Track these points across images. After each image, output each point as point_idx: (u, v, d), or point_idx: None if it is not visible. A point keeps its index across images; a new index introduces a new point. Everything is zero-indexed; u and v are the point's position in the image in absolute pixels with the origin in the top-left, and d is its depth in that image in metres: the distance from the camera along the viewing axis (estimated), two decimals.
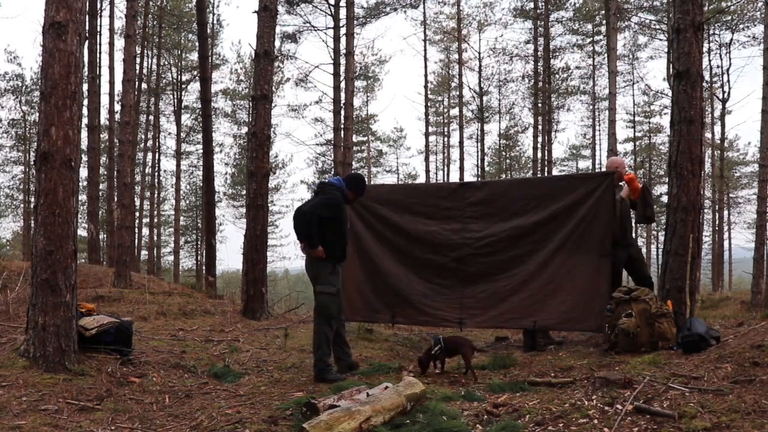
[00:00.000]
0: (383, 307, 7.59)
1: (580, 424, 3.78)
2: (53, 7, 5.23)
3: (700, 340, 5.15)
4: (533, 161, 25.91)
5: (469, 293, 7.17)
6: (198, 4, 15.65)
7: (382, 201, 7.77)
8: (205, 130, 15.21)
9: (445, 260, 7.34)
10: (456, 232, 7.33)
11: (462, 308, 7.19)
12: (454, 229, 7.34)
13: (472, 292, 7.16)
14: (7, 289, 7.89)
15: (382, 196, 7.86)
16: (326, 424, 3.45)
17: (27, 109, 29.63)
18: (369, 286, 7.67)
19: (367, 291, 7.68)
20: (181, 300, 9.36)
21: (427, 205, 7.56)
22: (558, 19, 26.17)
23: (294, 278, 38.72)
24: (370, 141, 36.92)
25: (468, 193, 7.40)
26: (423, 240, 7.47)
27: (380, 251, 7.67)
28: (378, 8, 22.91)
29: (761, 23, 21.38)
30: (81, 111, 5.57)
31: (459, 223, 7.32)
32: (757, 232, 14.52)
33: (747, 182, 32.61)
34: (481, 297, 7.11)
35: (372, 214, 7.74)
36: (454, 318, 7.24)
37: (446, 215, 7.40)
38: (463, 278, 7.22)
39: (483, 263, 7.17)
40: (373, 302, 7.65)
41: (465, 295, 7.19)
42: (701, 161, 6.27)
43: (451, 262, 7.30)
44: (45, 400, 4.41)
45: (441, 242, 7.38)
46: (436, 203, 7.50)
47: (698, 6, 6.22)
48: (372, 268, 7.65)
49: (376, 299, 7.63)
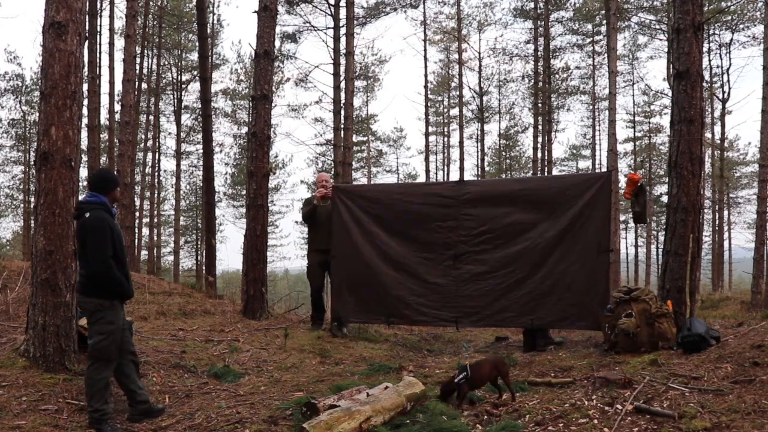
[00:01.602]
0: (378, 308, 7.58)
1: (580, 424, 3.78)
2: (53, 7, 5.23)
3: (700, 340, 5.15)
4: (533, 161, 25.90)
5: (465, 292, 7.16)
6: (198, 4, 15.65)
7: (375, 200, 7.75)
8: (205, 130, 15.20)
9: (440, 258, 7.33)
10: (451, 230, 7.32)
11: (458, 307, 7.18)
12: (450, 227, 7.33)
13: (468, 291, 7.15)
14: (7, 289, 7.89)
15: (376, 195, 7.85)
16: (326, 424, 3.45)
17: (27, 109, 29.63)
18: (363, 288, 7.66)
19: (361, 292, 7.68)
20: (181, 300, 9.35)
21: (421, 204, 7.54)
22: (558, 19, 26.17)
23: (294, 278, 38.72)
24: (370, 141, 36.92)
25: (463, 191, 7.39)
26: (417, 239, 7.46)
27: (373, 251, 7.65)
28: (378, 8, 22.91)
29: (761, 23, 21.38)
30: (81, 111, 5.57)
31: (454, 221, 7.32)
32: (757, 232, 14.53)
33: (747, 182, 32.66)
34: (477, 296, 7.10)
35: (365, 213, 7.72)
36: (450, 317, 7.23)
37: (442, 213, 7.39)
38: (458, 277, 7.21)
39: (478, 261, 7.16)
40: (368, 303, 7.64)
41: (460, 294, 7.18)
42: (701, 161, 6.27)
43: (446, 261, 7.29)
44: (45, 400, 4.41)
45: (436, 241, 7.37)
46: (431, 201, 7.49)
47: (698, 6, 6.22)
48: (365, 268, 7.63)
49: (370, 300, 7.63)
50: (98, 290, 4.19)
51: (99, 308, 4.20)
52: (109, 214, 4.30)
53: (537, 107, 25.75)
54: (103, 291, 4.19)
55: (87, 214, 4.20)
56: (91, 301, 4.21)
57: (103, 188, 4.36)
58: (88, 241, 4.16)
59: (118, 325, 4.30)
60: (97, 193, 4.34)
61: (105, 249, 4.15)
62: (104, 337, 4.17)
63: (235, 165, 34.35)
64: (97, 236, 4.14)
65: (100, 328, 4.19)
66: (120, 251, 4.29)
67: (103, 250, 4.14)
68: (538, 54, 25.22)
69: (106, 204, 4.33)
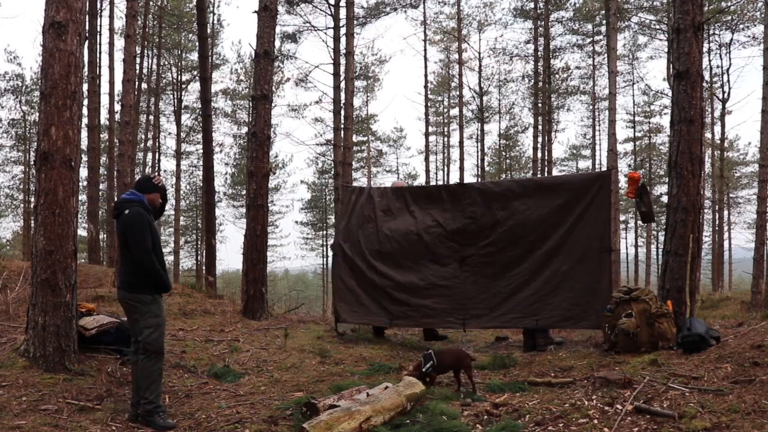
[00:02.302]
0: (380, 310, 7.59)
1: (580, 424, 3.78)
2: (53, 7, 5.23)
3: (700, 340, 5.15)
4: (533, 161, 25.88)
5: (472, 294, 7.19)
6: (198, 4, 15.63)
7: (388, 201, 7.78)
8: (205, 130, 15.19)
9: (447, 261, 7.35)
10: (457, 233, 7.34)
11: (465, 309, 7.19)
12: (455, 230, 7.35)
13: (475, 293, 7.18)
14: (7, 289, 7.89)
15: (383, 198, 7.87)
16: (326, 424, 3.45)
17: (27, 109, 29.60)
18: (365, 289, 7.67)
19: (362, 294, 7.68)
20: (181, 300, 9.34)
21: (427, 207, 7.56)
22: (558, 19, 26.14)
23: (294, 278, 38.75)
24: (370, 141, 36.90)
25: (467, 194, 7.41)
26: (424, 241, 7.47)
27: (378, 253, 7.67)
28: (378, 8, 22.89)
29: (761, 23, 21.36)
30: (81, 111, 5.57)
31: (460, 224, 7.33)
32: (757, 232, 14.51)
33: (747, 182, 32.64)
34: (483, 297, 7.13)
35: (373, 215, 7.74)
36: (457, 319, 7.25)
37: (448, 216, 7.42)
38: (466, 279, 7.23)
39: (485, 264, 7.18)
40: (370, 305, 7.65)
41: (467, 296, 7.20)
42: (701, 161, 6.27)
43: (453, 263, 7.31)
44: (45, 400, 4.41)
45: (443, 243, 7.39)
46: (437, 205, 7.51)
47: (698, 6, 6.22)
48: (369, 270, 7.65)
49: (372, 302, 7.63)
50: (142, 285, 4.34)
51: (144, 302, 4.35)
52: (147, 211, 4.45)
53: (537, 107, 25.73)
54: (146, 285, 4.35)
55: (126, 210, 4.37)
56: (136, 296, 4.35)
57: (143, 188, 4.56)
58: (128, 236, 4.32)
59: (163, 317, 4.50)
60: (136, 191, 4.55)
61: (146, 241, 4.31)
62: (153, 329, 4.35)
63: (235, 165, 34.35)
64: (137, 230, 4.31)
65: (148, 322, 4.35)
66: (158, 247, 4.46)
67: (145, 243, 4.30)
68: (538, 54, 25.20)
69: (143, 201, 4.50)
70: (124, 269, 4.45)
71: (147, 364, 4.32)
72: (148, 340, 4.32)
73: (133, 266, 4.33)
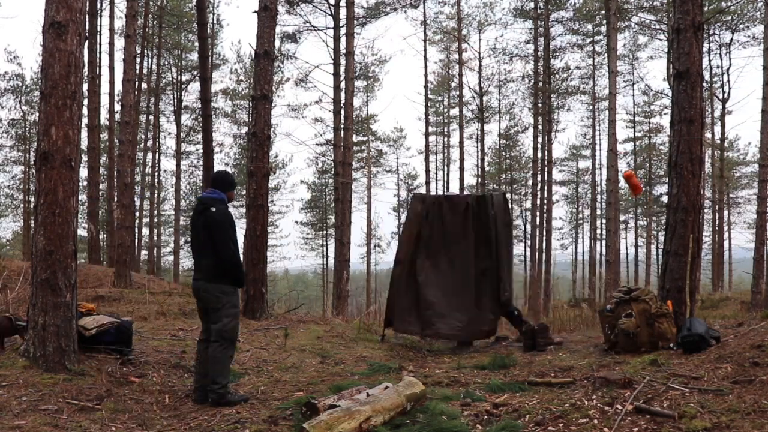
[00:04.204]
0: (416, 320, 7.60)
1: (580, 424, 3.78)
2: (53, 7, 5.22)
3: (700, 340, 5.15)
4: (533, 161, 25.90)
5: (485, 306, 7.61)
6: (198, 4, 15.61)
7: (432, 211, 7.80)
8: (205, 130, 15.16)
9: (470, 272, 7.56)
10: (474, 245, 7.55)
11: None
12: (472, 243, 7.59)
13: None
14: (7, 289, 7.89)
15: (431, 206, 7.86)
16: (326, 424, 3.45)
17: (27, 109, 29.60)
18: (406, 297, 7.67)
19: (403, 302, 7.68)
20: (181, 300, 9.36)
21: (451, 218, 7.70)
22: (558, 19, 26.13)
23: (294, 278, 38.72)
24: (370, 141, 36.89)
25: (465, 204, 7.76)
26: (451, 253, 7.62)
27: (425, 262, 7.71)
28: (378, 8, 22.88)
29: (761, 23, 21.37)
30: (81, 111, 5.57)
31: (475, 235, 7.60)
32: (757, 232, 14.52)
33: (747, 182, 32.63)
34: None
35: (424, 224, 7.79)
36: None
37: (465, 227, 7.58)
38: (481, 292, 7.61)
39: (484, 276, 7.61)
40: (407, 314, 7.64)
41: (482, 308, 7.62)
42: (701, 161, 6.27)
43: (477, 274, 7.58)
44: (45, 400, 4.41)
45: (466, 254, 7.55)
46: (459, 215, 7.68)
47: (698, 6, 6.22)
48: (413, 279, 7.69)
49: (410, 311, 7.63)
50: (223, 277, 4.63)
51: (226, 293, 4.65)
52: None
53: (537, 107, 25.73)
54: (227, 278, 4.65)
55: (213, 208, 4.66)
56: (218, 287, 4.63)
57: (225, 187, 4.85)
58: (216, 233, 4.61)
59: (239, 308, 4.87)
60: (217, 190, 4.81)
61: (234, 239, 4.67)
62: (231, 319, 4.66)
63: (235, 165, 34.34)
64: (225, 228, 4.64)
65: (228, 312, 4.65)
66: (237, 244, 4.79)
67: (233, 240, 4.66)
68: (538, 54, 25.21)
69: (225, 200, 4.81)
70: (206, 261, 4.66)
71: (222, 350, 4.60)
72: (227, 328, 4.61)
73: (216, 260, 4.59)
